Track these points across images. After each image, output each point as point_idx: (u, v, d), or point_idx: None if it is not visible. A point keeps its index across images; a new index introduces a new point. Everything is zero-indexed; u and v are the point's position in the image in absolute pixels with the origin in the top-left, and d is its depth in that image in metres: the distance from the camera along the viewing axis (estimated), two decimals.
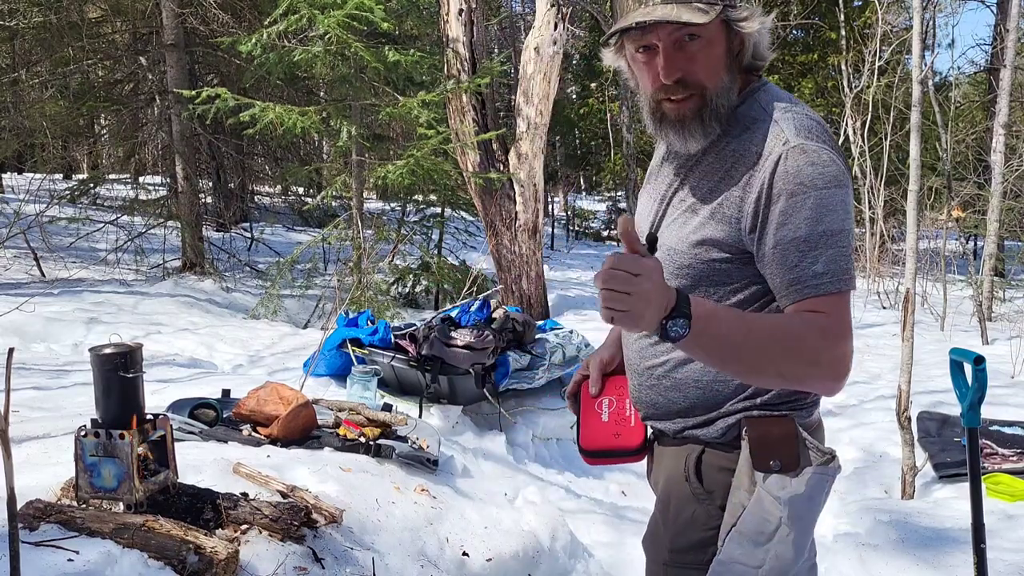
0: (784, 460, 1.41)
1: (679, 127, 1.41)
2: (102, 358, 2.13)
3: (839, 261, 1.33)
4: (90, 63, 10.45)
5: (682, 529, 1.52)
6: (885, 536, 3.25)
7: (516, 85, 8.12)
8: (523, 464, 4.10)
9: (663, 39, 1.37)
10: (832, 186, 1.32)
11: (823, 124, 1.41)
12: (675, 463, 1.53)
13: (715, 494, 1.48)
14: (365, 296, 7.09)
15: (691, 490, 1.49)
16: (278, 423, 2.98)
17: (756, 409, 1.44)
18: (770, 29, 1.43)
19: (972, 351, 2.16)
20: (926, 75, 7.85)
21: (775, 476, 1.40)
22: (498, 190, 7.56)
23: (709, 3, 1.34)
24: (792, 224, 1.32)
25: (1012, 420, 4.34)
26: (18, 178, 14.90)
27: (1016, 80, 12.36)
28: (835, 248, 1.32)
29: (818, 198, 1.31)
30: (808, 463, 1.42)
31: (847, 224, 1.33)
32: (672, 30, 1.36)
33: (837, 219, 1.32)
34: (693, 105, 1.39)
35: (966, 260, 10.34)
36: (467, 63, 7.49)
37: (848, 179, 1.36)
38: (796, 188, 1.32)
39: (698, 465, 1.50)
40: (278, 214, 14.18)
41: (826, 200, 1.31)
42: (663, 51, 1.37)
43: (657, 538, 1.58)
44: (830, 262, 1.32)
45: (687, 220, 1.43)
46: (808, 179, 1.31)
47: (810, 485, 1.40)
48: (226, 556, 1.97)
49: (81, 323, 6.19)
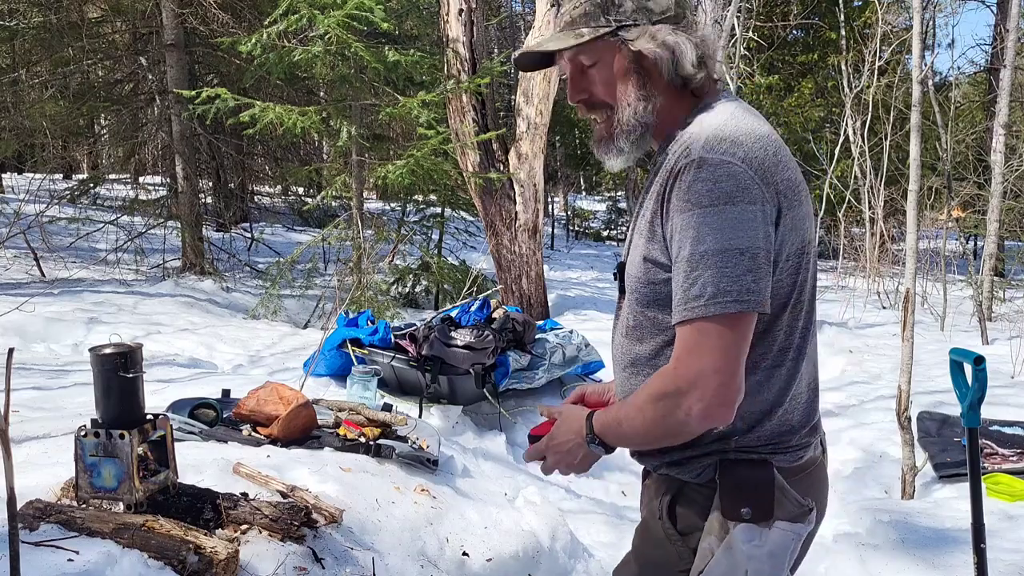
0: (756, 509, 1.35)
1: (597, 146, 1.47)
2: (102, 358, 2.13)
3: (719, 282, 1.24)
4: (90, 63, 10.45)
5: (651, 570, 1.49)
6: (885, 536, 3.25)
7: (516, 85, 8.12)
8: (523, 464, 4.10)
9: (566, 67, 1.45)
10: (721, 203, 1.25)
11: (752, 134, 1.32)
12: (653, 499, 1.49)
13: (689, 536, 1.42)
14: (365, 296, 7.09)
15: (663, 530, 1.45)
16: (278, 423, 2.98)
17: (732, 452, 1.37)
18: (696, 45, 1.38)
19: (972, 351, 2.16)
20: (926, 75, 7.85)
21: (744, 526, 1.34)
22: (498, 190, 7.56)
23: (594, 26, 1.38)
24: (681, 243, 1.28)
25: (1012, 420, 4.34)
26: (18, 178, 14.90)
27: (1016, 80, 12.36)
28: (712, 268, 1.24)
29: (702, 216, 1.25)
30: (783, 515, 1.35)
31: (736, 242, 1.24)
32: (570, 56, 1.43)
33: (721, 237, 1.24)
34: (606, 125, 1.44)
35: (966, 260, 10.34)
36: (467, 63, 7.49)
37: (754, 193, 1.26)
38: (683, 206, 1.28)
39: (672, 506, 1.45)
40: (278, 214, 14.19)
41: (710, 218, 1.25)
42: (568, 76, 1.46)
43: (627, 570, 1.55)
44: (705, 283, 1.25)
45: (636, 242, 1.43)
46: (695, 196, 1.26)
47: (772, 541, 1.34)
48: (226, 556, 1.97)
49: (81, 323, 6.19)
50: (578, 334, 5.02)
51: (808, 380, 1.43)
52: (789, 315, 1.35)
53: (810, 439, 1.43)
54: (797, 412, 1.40)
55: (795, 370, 1.38)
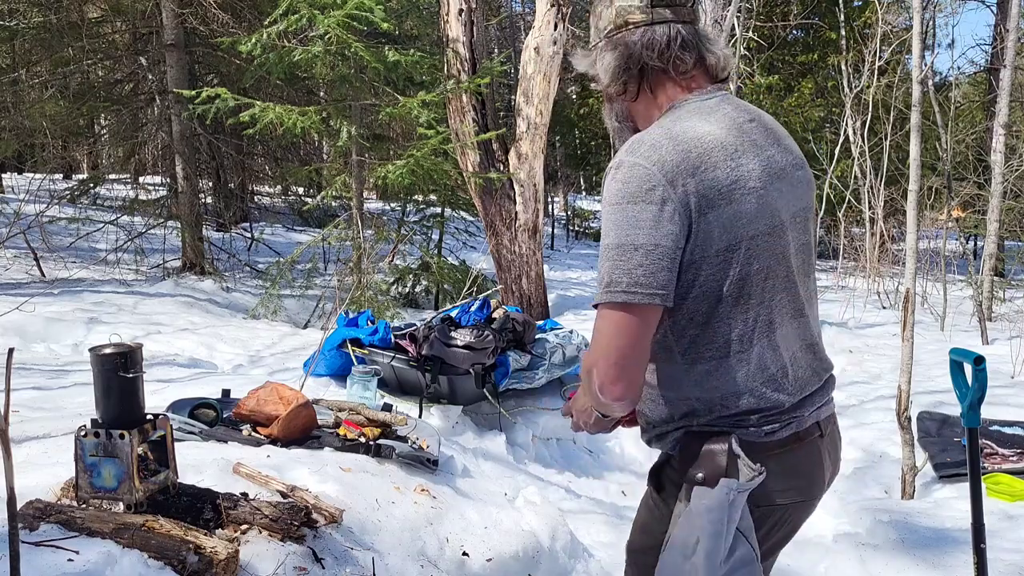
0: (708, 472, 1.45)
1: None
2: (102, 358, 2.13)
3: (612, 274, 1.38)
4: (90, 63, 10.44)
5: (638, 531, 1.65)
6: (885, 536, 3.25)
7: (516, 85, 8.12)
8: (523, 464, 4.10)
9: None
10: (624, 202, 1.38)
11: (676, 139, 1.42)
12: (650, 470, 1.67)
13: (668, 502, 1.55)
14: (365, 296, 7.09)
15: (649, 495, 1.61)
16: (278, 423, 2.98)
17: (696, 427, 1.50)
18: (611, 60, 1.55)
19: (972, 351, 2.16)
20: (926, 75, 7.85)
21: (698, 488, 1.44)
22: (498, 190, 7.56)
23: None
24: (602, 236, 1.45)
25: (1012, 420, 4.34)
26: (18, 178, 14.90)
27: (1016, 80, 12.36)
28: (610, 261, 1.39)
29: (609, 214, 1.41)
30: (733, 477, 1.43)
31: (632, 238, 1.37)
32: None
33: (620, 233, 1.38)
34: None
35: (966, 260, 10.34)
36: (467, 63, 7.49)
37: (658, 194, 1.37)
38: (603, 203, 1.45)
39: (657, 474, 1.60)
40: (278, 214, 14.19)
41: (615, 215, 1.39)
42: None
43: (631, 534, 1.74)
44: (603, 274, 1.40)
45: None
46: (608, 195, 1.42)
47: (711, 496, 1.42)
48: (226, 556, 1.97)
49: (81, 323, 6.19)
50: (578, 334, 5.02)
51: (777, 368, 1.49)
52: (732, 309, 1.44)
53: (784, 418, 1.49)
54: (763, 398, 1.47)
55: (750, 361, 1.46)
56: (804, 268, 1.56)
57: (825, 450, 1.57)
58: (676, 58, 1.52)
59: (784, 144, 1.57)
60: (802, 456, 1.52)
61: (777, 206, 1.48)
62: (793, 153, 1.58)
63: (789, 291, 1.51)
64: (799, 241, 1.54)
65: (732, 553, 1.43)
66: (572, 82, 19.62)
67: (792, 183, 1.53)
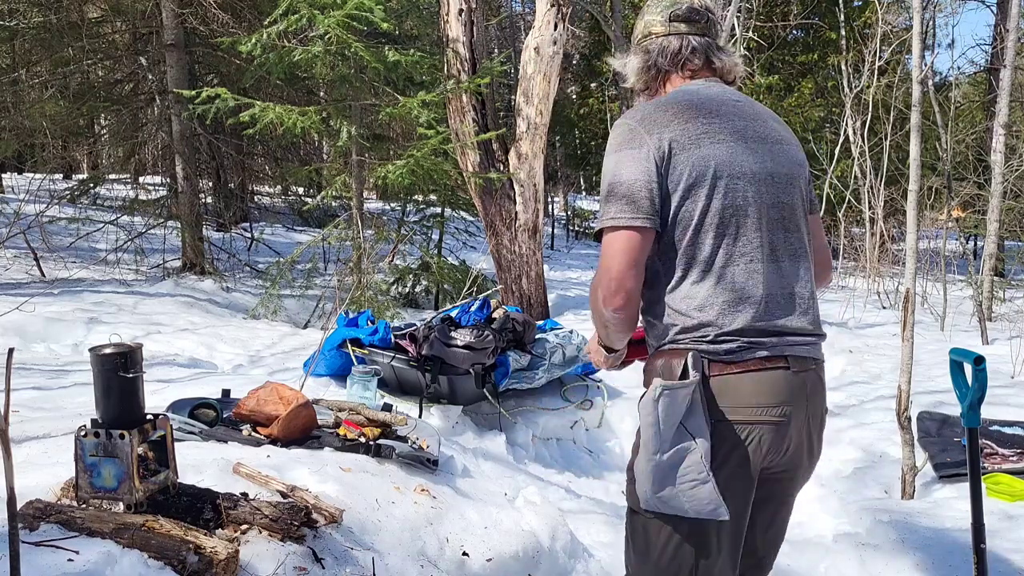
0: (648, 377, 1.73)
1: None
2: (102, 358, 2.13)
3: (604, 206, 1.73)
4: (90, 63, 10.44)
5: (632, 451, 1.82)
6: (885, 536, 3.25)
7: (516, 85, 8.12)
8: (523, 464, 4.10)
9: None
10: (613, 151, 1.75)
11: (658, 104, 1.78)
12: None
13: None
14: (365, 296, 7.09)
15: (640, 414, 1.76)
16: (278, 423, 2.98)
17: (667, 343, 1.75)
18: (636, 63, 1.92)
19: (972, 351, 2.16)
20: (926, 75, 7.84)
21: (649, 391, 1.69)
22: (498, 190, 7.55)
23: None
24: None
25: (1012, 420, 4.33)
26: (18, 178, 14.90)
27: (1016, 80, 12.36)
28: (604, 196, 1.74)
29: (605, 159, 1.77)
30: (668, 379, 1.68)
31: (618, 176, 1.71)
32: None
33: (610, 174, 1.73)
34: None
35: (966, 260, 10.34)
36: (467, 63, 7.49)
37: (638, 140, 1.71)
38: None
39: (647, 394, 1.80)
40: (278, 214, 14.19)
41: (608, 162, 1.75)
42: None
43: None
44: (600, 208, 1.75)
45: None
46: (607, 146, 1.79)
47: (648, 394, 1.66)
48: (226, 556, 1.97)
49: (81, 323, 6.19)
50: (578, 334, 5.02)
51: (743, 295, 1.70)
52: (703, 235, 1.70)
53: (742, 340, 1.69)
54: (722, 315, 1.69)
55: (717, 282, 1.70)
56: (784, 223, 1.78)
57: (793, 385, 1.72)
58: (686, 60, 1.87)
59: (769, 124, 1.84)
60: (761, 380, 1.69)
61: (744, 160, 1.74)
62: (778, 132, 1.84)
63: (761, 234, 1.73)
64: (777, 198, 1.77)
65: (673, 446, 1.64)
66: (572, 82, 19.64)
67: (771, 151, 1.79)
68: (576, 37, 17.11)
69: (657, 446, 1.65)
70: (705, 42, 1.87)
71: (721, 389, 1.68)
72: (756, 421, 1.68)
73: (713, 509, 1.64)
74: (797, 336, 1.74)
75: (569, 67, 18.32)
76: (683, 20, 1.86)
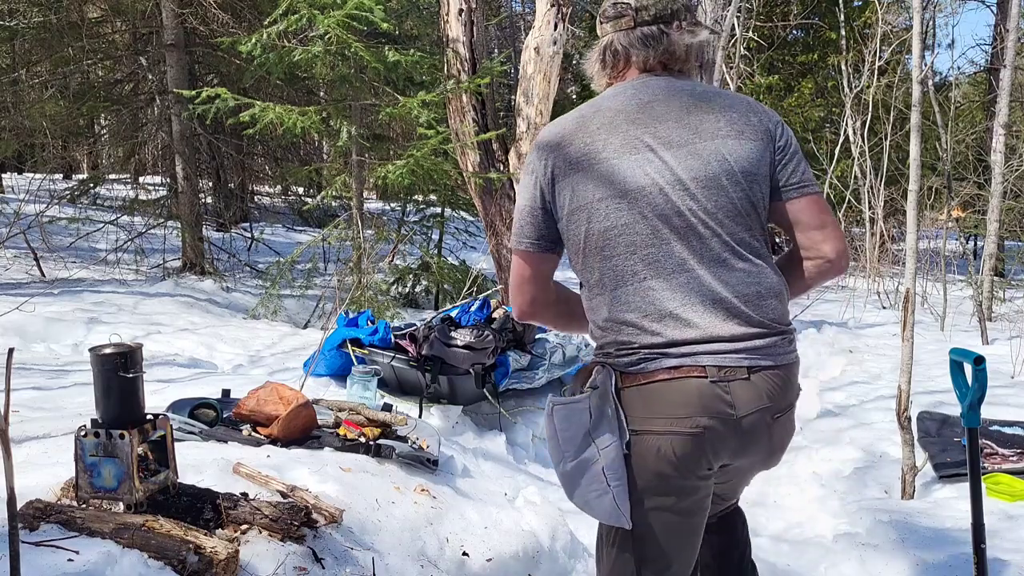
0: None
1: None
2: (102, 358, 2.13)
3: (512, 227, 1.85)
4: (90, 63, 10.43)
5: None
6: (885, 536, 3.25)
7: (516, 85, 8.12)
8: (523, 464, 4.10)
9: None
10: (522, 174, 1.81)
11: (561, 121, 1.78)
12: None
13: None
14: (365, 296, 7.09)
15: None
16: (278, 423, 2.98)
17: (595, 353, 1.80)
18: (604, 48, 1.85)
19: (972, 351, 2.16)
20: (926, 75, 7.84)
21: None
22: (498, 190, 7.54)
23: None
24: None
25: (1012, 420, 4.34)
26: (18, 178, 14.89)
27: (1016, 80, 12.35)
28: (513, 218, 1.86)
29: None
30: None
31: (520, 201, 1.83)
32: None
33: (518, 197, 1.87)
34: None
35: (966, 260, 10.34)
36: (467, 63, 7.48)
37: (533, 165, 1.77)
38: None
39: None
40: (278, 214, 14.18)
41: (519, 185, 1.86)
42: None
43: None
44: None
45: None
46: None
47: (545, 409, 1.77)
48: (226, 556, 1.97)
49: (81, 323, 6.19)
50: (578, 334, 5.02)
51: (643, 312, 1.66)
52: (593, 258, 1.72)
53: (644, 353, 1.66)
54: (621, 333, 1.68)
55: (614, 302, 1.70)
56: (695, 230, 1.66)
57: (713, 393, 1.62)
58: (609, 61, 1.83)
59: (704, 119, 1.69)
60: (670, 390, 1.64)
61: (633, 176, 1.66)
62: (715, 127, 1.68)
63: (658, 249, 1.66)
64: (686, 205, 1.65)
65: (576, 456, 1.70)
66: (572, 82, 19.64)
67: (689, 154, 1.67)
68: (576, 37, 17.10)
69: (560, 456, 1.74)
70: (636, 36, 1.76)
71: (630, 401, 1.66)
72: (665, 432, 1.63)
73: (617, 519, 1.69)
74: (723, 343, 1.63)
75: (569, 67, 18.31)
76: (610, 19, 1.81)
